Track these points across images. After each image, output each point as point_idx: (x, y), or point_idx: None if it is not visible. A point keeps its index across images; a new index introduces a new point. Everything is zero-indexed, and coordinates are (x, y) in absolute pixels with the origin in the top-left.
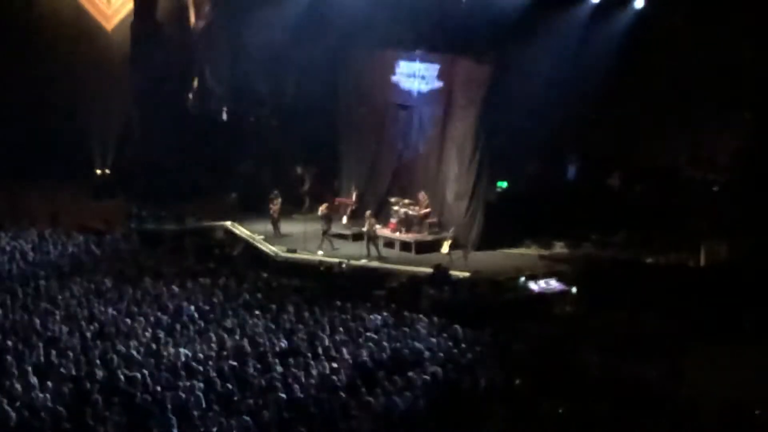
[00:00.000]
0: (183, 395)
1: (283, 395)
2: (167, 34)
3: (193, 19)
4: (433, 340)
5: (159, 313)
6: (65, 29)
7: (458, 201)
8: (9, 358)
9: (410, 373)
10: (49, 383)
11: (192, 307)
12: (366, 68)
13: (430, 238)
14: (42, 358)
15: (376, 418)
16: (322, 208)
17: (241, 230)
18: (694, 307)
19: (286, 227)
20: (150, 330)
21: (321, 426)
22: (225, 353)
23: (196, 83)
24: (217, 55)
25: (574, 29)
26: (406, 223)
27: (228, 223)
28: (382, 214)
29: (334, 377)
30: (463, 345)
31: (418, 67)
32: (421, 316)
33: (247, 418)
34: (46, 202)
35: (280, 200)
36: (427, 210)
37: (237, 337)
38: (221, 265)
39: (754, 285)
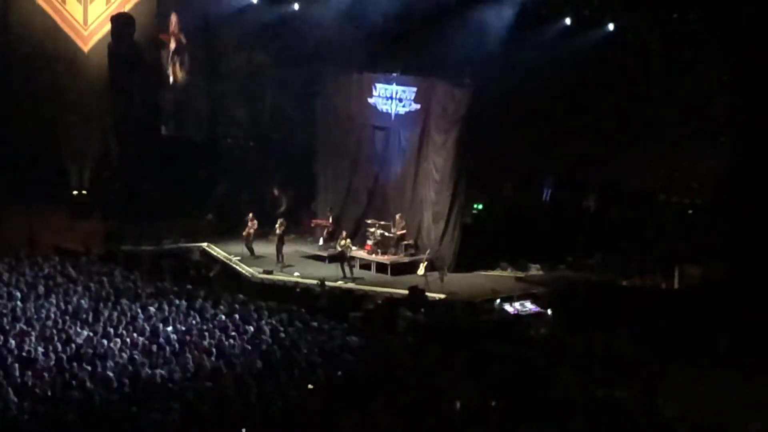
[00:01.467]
0: (160, 416)
1: (258, 415)
2: (144, 55)
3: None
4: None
5: (135, 335)
6: (42, 50)
7: (436, 223)
8: None
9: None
10: (25, 404)
11: (169, 329)
12: (343, 90)
13: (406, 259)
14: (18, 379)
15: None
16: (278, 226)
17: (217, 251)
18: (668, 330)
19: (261, 248)
20: (127, 351)
21: None
22: (202, 374)
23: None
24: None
25: (549, 52)
26: (382, 244)
27: (204, 245)
28: (359, 236)
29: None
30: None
31: (395, 89)
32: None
33: None
34: (22, 223)
35: (255, 222)
36: (403, 232)
37: (213, 358)
38: (198, 286)
39: (728, 308)
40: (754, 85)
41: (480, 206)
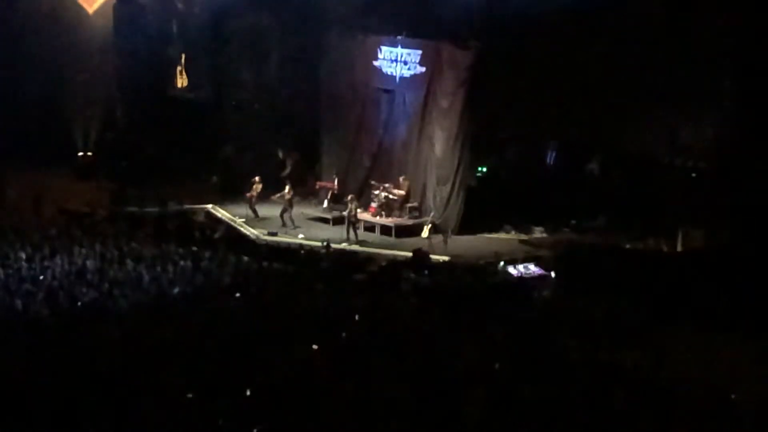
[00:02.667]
0: (165, 378)
1: (264, 378)
2: (149, 16)
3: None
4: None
5: (140, 296)
6: (45, 11)
7: (441, 186)
8: None
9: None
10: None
11: (174, 290)
12: (348, 53)
13: (410, 222)
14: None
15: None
16: (287, 191)
17: (222, 213)
18: (671, 293)
19: (266, 211)
20: (131, 312)
21: (296, 411)
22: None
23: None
24: (198, 39)
25: (553, 15)
26: (387, 207)
27: (209, 206)
28: (363, 198)
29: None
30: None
31: (400, 51)
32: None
33: (228, 399)
34: (27, 185)
35: (261, 185)
36: (407, 194)
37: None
38: (202, 247)
39: (730, 271)
40: (759, 48)
41: (484, 169)
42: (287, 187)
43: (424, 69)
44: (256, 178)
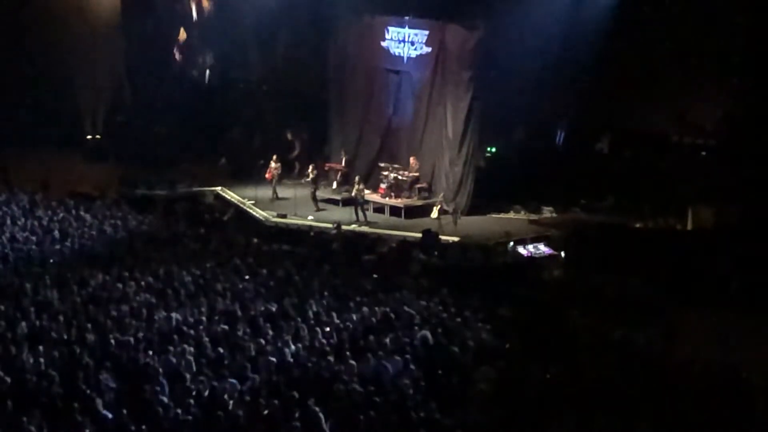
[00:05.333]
0: (174, 359)
1: (273, 359)
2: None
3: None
4: (423, 304)
5: (150, 278)
6: None
7: (453, 166)
8: (1, 322)
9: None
10: (41, 348)
11: (183, 272)
12: (356, 34)
13: (419, 202)
14: (34, 323)
15: (367, 382)
16: (310, 171)
17: (231, 195)
18: (681, 272)
19: (280, 192)
20: (141, 295)
21: (311, 390)
22: (216, 318)
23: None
24: (207, 21)
25: None
26: (396, 188)
27: (218, 189)
28: (372, 179)
29: (325, 341)
30: (453, 308)
31: (407, 32)
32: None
33: (237, 382)
34: (37, 168)
35: (279, 165)
36: (417, 174)
37: (228, 301)
38: (212, 229)
39: (740, 249)
40: (767, 27)
41: (493, 149)
42: (310, 167)
43: (430, 49)
44: (274, 157)
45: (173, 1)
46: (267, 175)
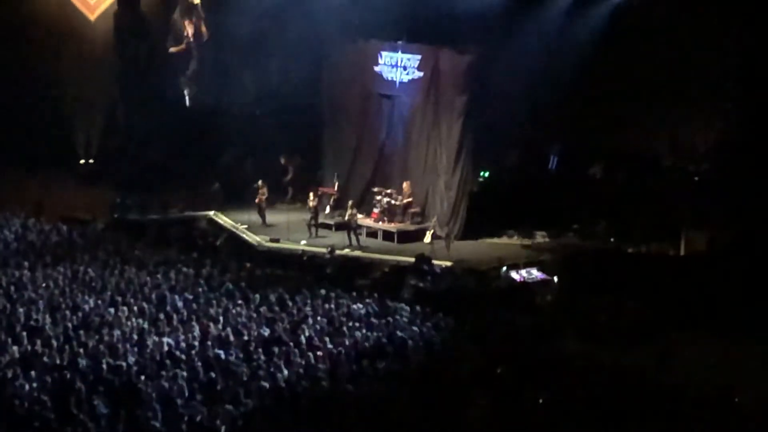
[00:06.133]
0: (166, 384)
1: (266, 384)
2: (151, 23)
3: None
4: (416, 329)
5: (143, 303)
6: (48, 19)
7: (446, 191)
8: None
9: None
10: (33, 373)
11: (176, 297)
12: (349, 58)
13: (412, 227)
14: (26, 348)
15: (359, 406)
16: (311, 199)
17: (224, 220)
18: (674, 297)
19: (269, 217)
20: (133, 320)
21: (305, 414)
22: (208, 342)
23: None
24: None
25: (554, 19)
26: (389, 212)
27: (211, 213)
28: (365, 204)
29: (318, 366)
30: (446, 333)
31: (400, 57)
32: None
33: (230, 407)
34: (29, 191)
35: (266, 189)
36: (410, 199)
37: (220, 326)
38: (204, 254)
39: (733, 274)
40: (762, 50)
41: (486, 174)
42: (311, 195)
43: (423, 74)
44: (260, 183)
45: (168, 26)
46: (256, 200)
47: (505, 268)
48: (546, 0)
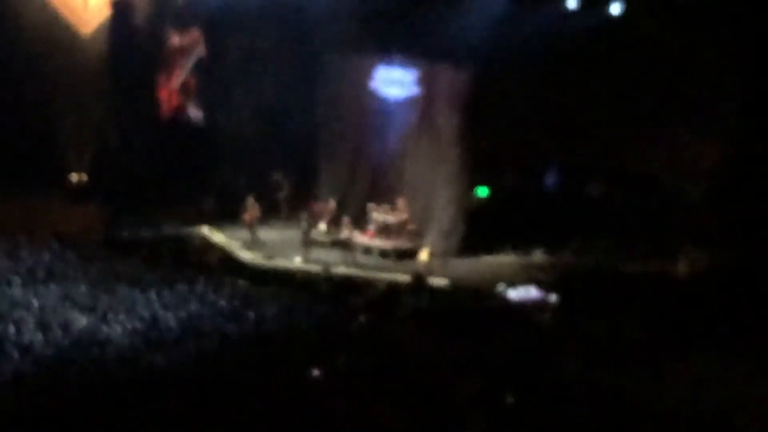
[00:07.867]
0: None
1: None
2: (145, 41)
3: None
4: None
5: (135, 321)
6: (40, 34)
7: (443, 208)
8: None
9: None
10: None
11: (169, 315)
12: (344, 74)
13: (408, 245)
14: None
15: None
16: (306, 217)
17: (217, 237)
18: (673, 316)
19: (262, 234)
20: (126, 338)
21: None
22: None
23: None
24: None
25: (551, 37)
26: (385, 229)
27: (204, 230)
28: (361, 221)
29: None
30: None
31: (396, 73)
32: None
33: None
34: (20, 209)
35: (257, 205)
36: (406, 217)
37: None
38: (198, 272)
39: (734, 294)
40: (762, 67)
41: (484, 191)
42: (306, 212)
43: (419, 91)
44: (250, 200)
45: (161, 42)
46: (246, 217)
47: (502, 287)
48: (542, 16)
